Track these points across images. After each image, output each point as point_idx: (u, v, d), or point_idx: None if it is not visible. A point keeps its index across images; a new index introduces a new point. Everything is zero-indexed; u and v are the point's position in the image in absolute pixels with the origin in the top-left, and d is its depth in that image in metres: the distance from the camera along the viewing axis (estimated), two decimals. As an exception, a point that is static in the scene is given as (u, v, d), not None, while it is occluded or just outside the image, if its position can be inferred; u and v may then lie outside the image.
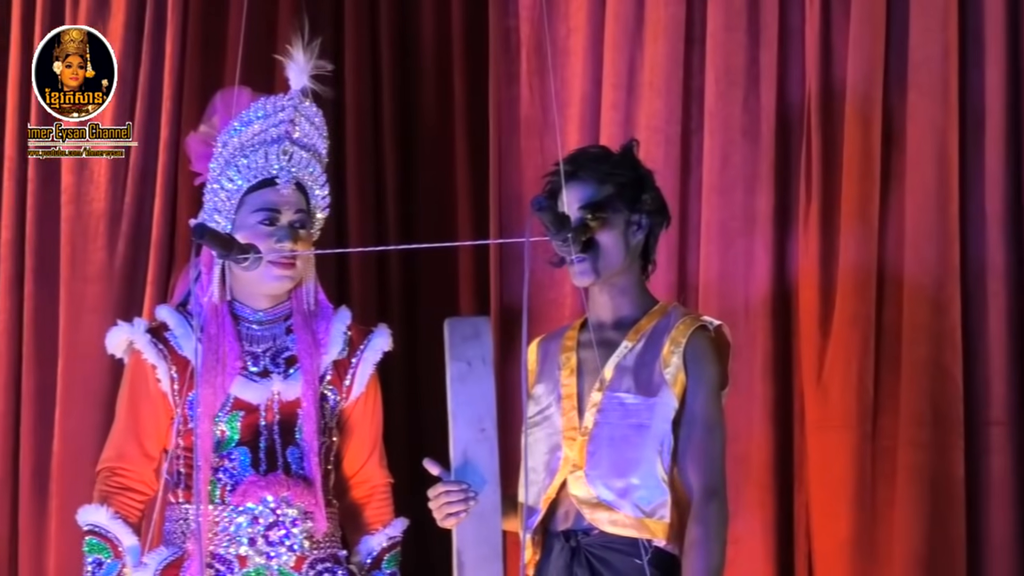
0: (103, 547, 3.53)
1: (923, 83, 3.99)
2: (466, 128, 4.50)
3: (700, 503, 3.26)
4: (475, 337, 3.23)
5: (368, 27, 4.60)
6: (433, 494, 3.22)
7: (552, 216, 3.16)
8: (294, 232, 3.54)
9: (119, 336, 3.63)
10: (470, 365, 3.21)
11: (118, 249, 4.64)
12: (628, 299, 3.40)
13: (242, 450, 3.53)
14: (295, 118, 3.61)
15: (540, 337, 3.55)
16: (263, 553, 3.50)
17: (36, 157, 4.68)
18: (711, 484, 3.28)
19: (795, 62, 4.15)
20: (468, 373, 3.21)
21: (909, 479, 3.91)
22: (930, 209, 3.95)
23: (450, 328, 3.24)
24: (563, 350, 3.43)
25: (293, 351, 3.59)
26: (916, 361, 3.94)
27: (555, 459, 3.35)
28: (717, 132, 4.15)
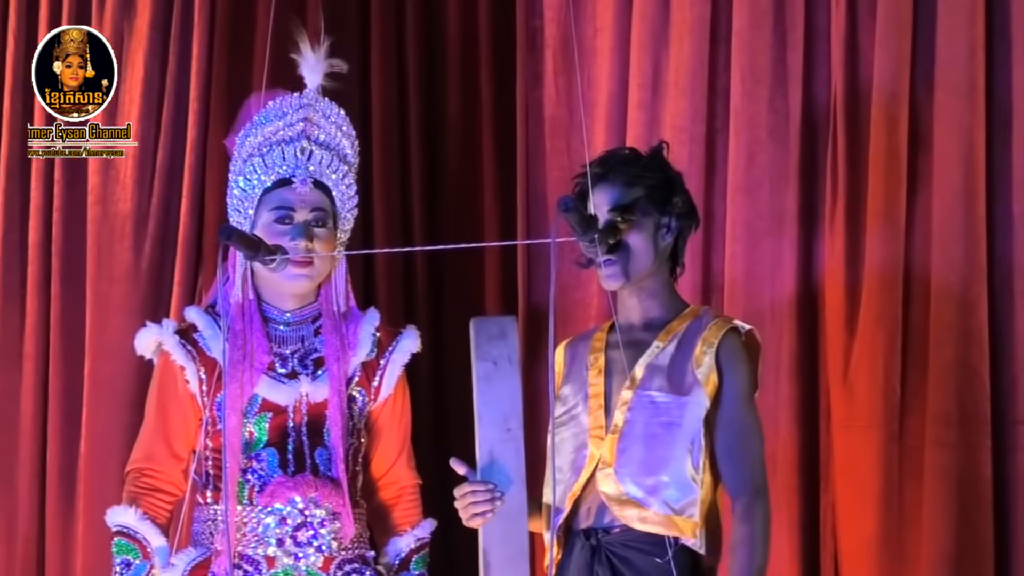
0: (131, 548, 3.54)
1: (950, 82, 3.97)
2: (492, 128, 4.50)
3: (746, 502, 3.28)
4: (501, 337, 3.22)
5: (394, 28, 4.60)
6: (459, 494, 3.22)
7: (579, 217, 3.16)
8: (308, 230, 3.54)
9: (148, 337, 3.64)
10: (496, 364, 3.20)
11: (144, 250, 4.64)
12: (657, 301, 3.40)
13: (270, 451, 3.54)
14: (312, 116, 3.62)
15: (568, 339, 3.55)
16: (291, 554, 3.51)
17: (36, 157, 4.70)
18: (757, 483, 3.31)
19: (821, 61, 4.13)
20: (494, 372, 3.20)
21: (936, 479, 3.90)
22: (957, 208, 3.94)
23: (476, 328, 3.23)
24: (591, 351, 3.43)
25: (321, 353, 3.59)
26: (943, 360, 3.92)
27: (581, 457, 3.35)
28: (743, 131, 4.14)
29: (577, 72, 4.25)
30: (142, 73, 4.68)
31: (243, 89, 4.46)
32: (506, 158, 4.45)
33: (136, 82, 4.68)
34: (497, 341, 3.21)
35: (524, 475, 3.20)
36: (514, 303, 4.35)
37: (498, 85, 4.49)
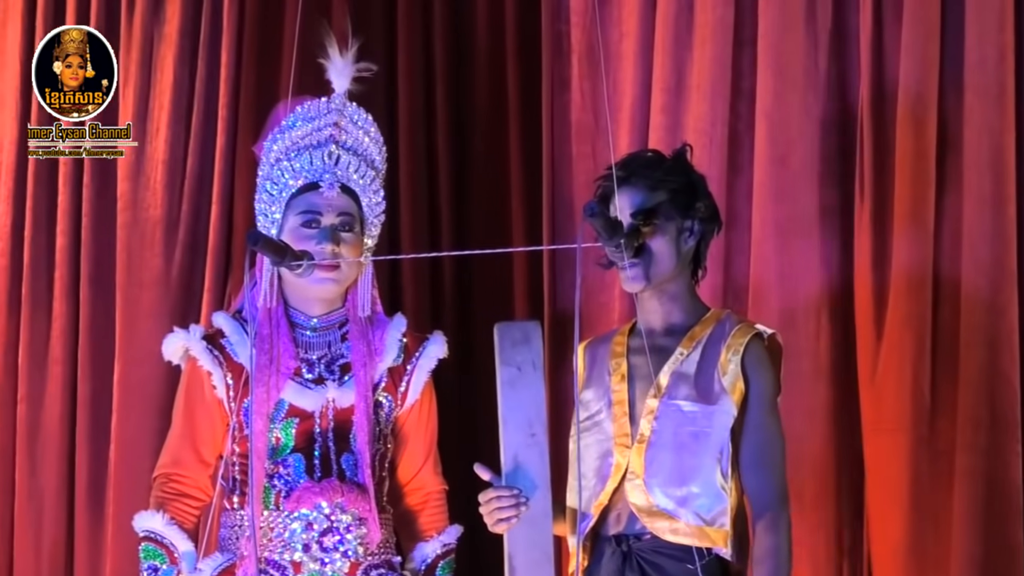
0: (159, 553, 3.54)
1: (979, 85, 3.96)
2: (519, 133, 4.49)
3: (772, 512, 3.27)
4: (525, 342, 3.21)
5: (421, 31, 4.60)
6: (484, 499, 3.21)
7: (604, 222, 3.16)
8: (335, 235, 3.53)
9: (175, 343, 3.64)
10: (520, 370, 3.20)
11: (175, 257, 4.66)
12: (679, 305, 3.39)
13: (297, 457, 3.54)
14: (340, 121, 3.61)
15: (588, 340, 3.54)
16: (317, 559, 3.51)
17: (36, 157, 4.72)
18: (781, 493, 3.30)
19: (850, 63, 4.12)
20: (518, 378, 3.20)
21: (966, 483, 3.88)
22: (986, 212, 3.92)
23: (500, 333, 3.23)
24: (612, 355, 3.42)
25: (348, 358, 3.59)
26: (973, 364, 3.90)
27: (606, 465, 3.33)
28: (772, 133, 4.12)
29: (603, 77, 4.24)
30: (172, 79, 4.70)
31: (271, 95, 4.47)
32: (533, 162, 4.45)
33: (166, 88, 4.70)
34: (521, 346, 3.21)
35: (549, 480, 3.20)
36: (541, 308, 4.35)
37: (524, 89, 4.49)
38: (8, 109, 4.78)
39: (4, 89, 4.80)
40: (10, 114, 4.78)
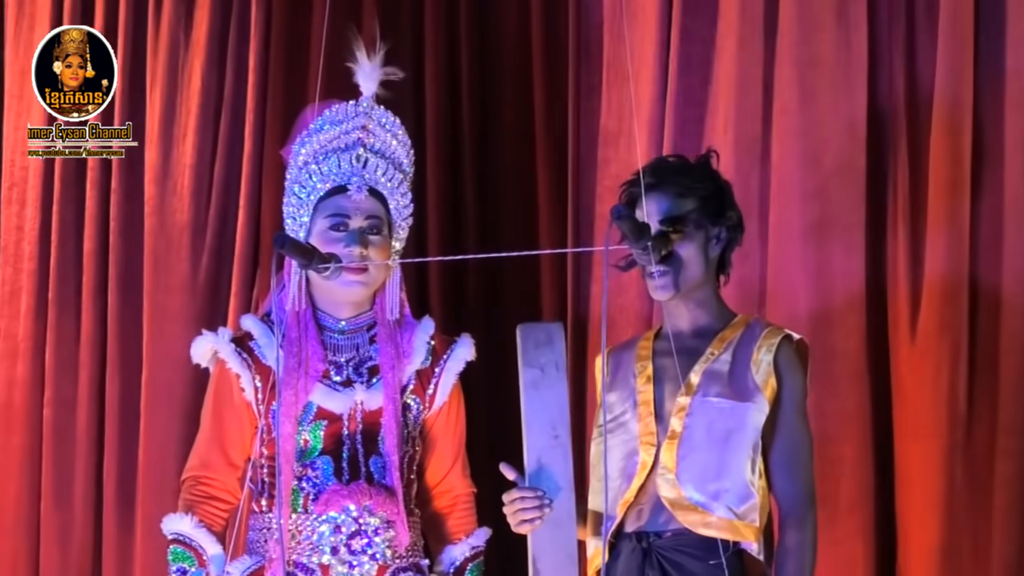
0: (187, 556, 3.55)
1: (1016, 93, 3.94)
2: (545, 136, 4.50)
3: (799, 510, 3.29)
4: (548, 343, 3.21)
5: (447, 35, 4.61)
6: (508, 499, 3.22)
7: (631, 224, 3.16)
8: (363, 238, 3.54)
9: (204, 346, 3.64)
10: (543, 371, 3.20)
11: (202, 262, 4.67)
12: (706, 311, 3.39)
13: (325, 459, 3.54)
14: (368, 124, 3.62)
15: (612, 347, 3.54)
16: (345, 562, 3.51)
17: (37, 157, 4.73)
18: (809, 492, 3.32)
19: (883, 66, 4.10)
20: (541, 379, 3.20)
21: (1005, 489, 3.88)
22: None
23: (523, 334, 3.23)
24: (638, 359, 3.42)
25: (376, 361, 3.59)
26: (1012, 371, 3.90)
27: (632, 464, 3.33)
28: (800, 135, 4.11)
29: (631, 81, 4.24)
30: (200, 84, 4.71)
31: (299, 99, 4.48)
32: (558, 166, 4.45)
33: (194, 93, 4.71)
34: (544, 347, 3.21)
35: (572, 481, 3.20)
36: (566, 310, 4.35)
37: (549, 93, 4.49)
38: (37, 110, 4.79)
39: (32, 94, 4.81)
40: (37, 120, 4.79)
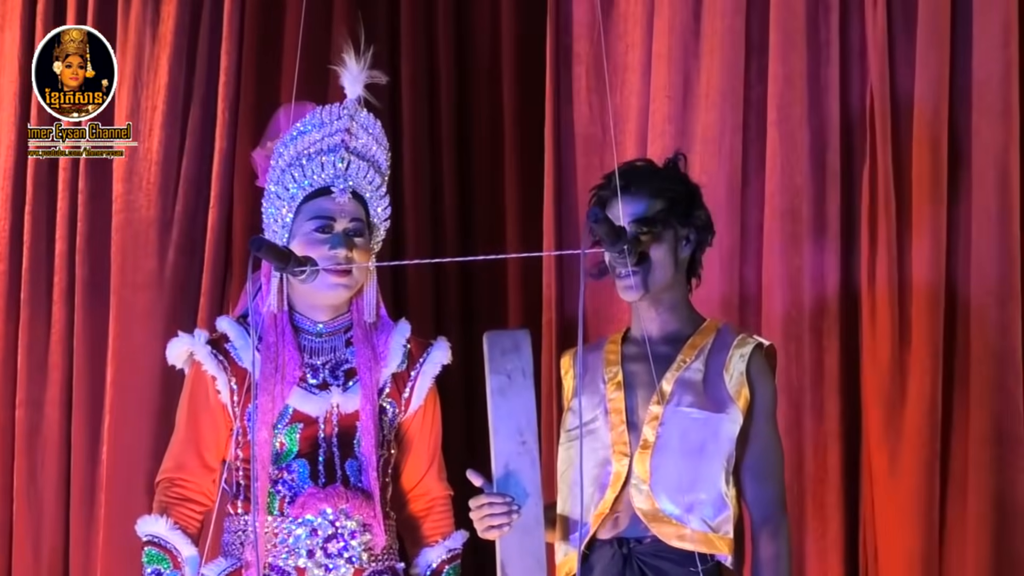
0: (162, 558, 3.53)
1: (985, 102, 3.96)
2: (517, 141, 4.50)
3: (773, 519, 3.31)
4: (515, 350, 3.22)
5: (424, 39, 4.61)
6: (475, 505, 3.22)
7: (608, 228, 3.16)
8: (348, 240, 3.54)
9: (180, 347, 3.62)
10: (510, 378, 3.21)
11: (168, 257, 4.65)
12: (676, 314, 3.40)
13: (301, 462, 3.53)
14: (351, 127, 3.61)
15: (572, 349, 3.54)
16: (322, 565, 3.50)
17: (36, 157, 4.71)
18: (781, 501, 3.33)
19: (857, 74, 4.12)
20: (508, 386, 3.21)
21: (978, 499, 3.90)
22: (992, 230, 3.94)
23: (489, 341, 3.23)
24: (606, 364, 3.42)
25: (352, 364, 3.59)
26: (983, 380, 3.92)
27: (604, 473, 3.33)
28: (781, 143, 4.12)
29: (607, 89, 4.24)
30: (166, 80, 4.68)
31: (272, 99, 4.47)
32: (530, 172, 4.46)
33: (160, 88, 4.69)
34: (511, 354, 3.22)
35: (540, 488, 3.21)
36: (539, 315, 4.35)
37: (523, 97, 4.50)
38: (6, 112, 4.76)
39: (2, 91, 4.79)
40: (8, 117, 4.77)
